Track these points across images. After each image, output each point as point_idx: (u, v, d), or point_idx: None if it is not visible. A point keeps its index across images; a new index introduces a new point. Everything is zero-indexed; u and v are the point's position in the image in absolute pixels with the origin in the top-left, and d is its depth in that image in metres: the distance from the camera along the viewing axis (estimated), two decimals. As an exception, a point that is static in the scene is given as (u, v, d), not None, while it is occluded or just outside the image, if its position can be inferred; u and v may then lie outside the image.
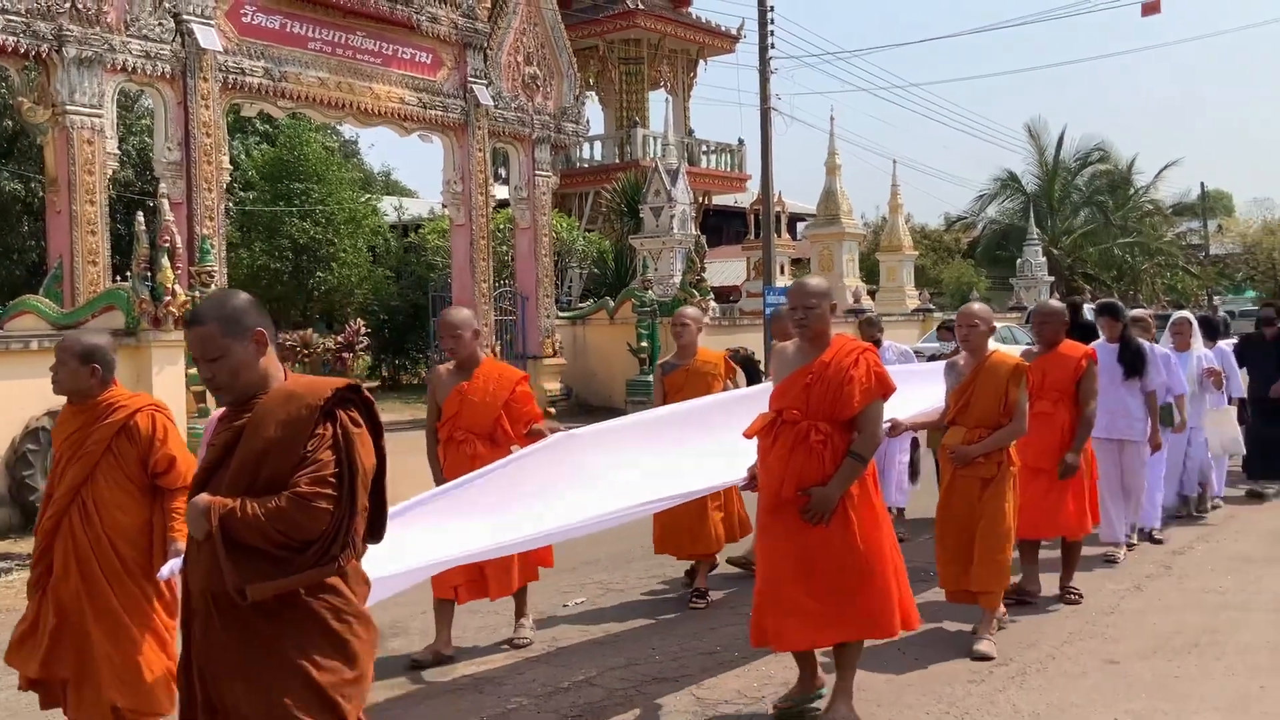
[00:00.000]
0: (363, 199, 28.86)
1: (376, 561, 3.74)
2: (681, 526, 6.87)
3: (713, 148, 34.14)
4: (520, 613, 6.23)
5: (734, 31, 33.16)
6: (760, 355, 11.92)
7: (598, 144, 32.56)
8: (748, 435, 4.93)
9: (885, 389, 4.78)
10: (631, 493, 5.28)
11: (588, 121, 21.45)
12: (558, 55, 19.20)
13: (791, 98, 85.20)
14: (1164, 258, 42.08)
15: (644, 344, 18.34)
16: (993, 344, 6.26)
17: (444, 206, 18.99)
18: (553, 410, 18.30)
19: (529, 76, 18.68)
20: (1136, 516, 7.99)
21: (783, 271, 26.43)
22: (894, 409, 5.92)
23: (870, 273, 32.55)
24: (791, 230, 34.35)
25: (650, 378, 11.80)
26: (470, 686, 5.49)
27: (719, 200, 35.90)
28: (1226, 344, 10.43)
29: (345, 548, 2.87)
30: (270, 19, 14.86)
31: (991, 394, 5.85)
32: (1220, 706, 4.97)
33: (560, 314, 20.53)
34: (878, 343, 9.00)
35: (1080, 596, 6.74)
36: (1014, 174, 41.50)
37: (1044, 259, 32.06)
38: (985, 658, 5.62)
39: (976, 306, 6.17)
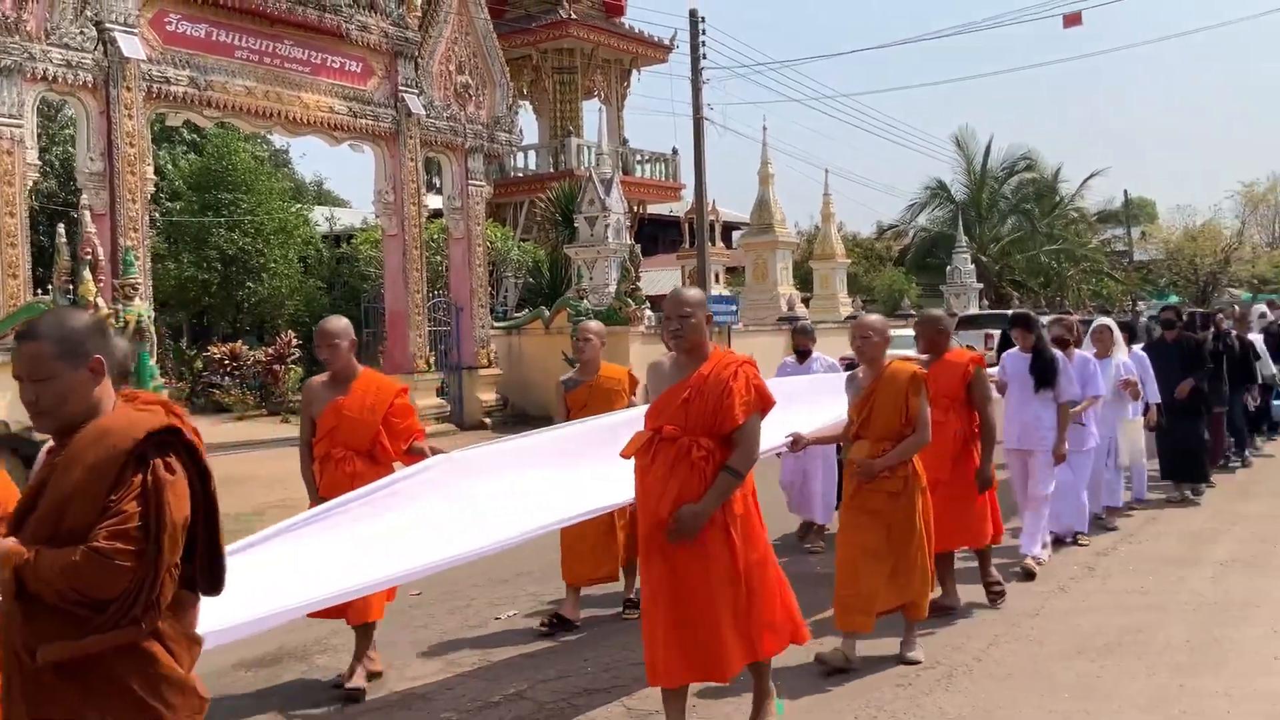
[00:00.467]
0: (293, 209, 28.54)
1: (246, 602, 3.58)
2: (583, 549, 6.63)
3: (647, 157, 34.29)
4: (360, 655, 5.65)
5: (667, 42, 33.33)
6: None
7: (532, 153, 32.54)
8: (624, 455, 4.68)
9: (765, 403, 4.60)
10: (517, 519, 5.00)
11: (521, 131, 21.44)
12: (490, 64, 19.14)
13: (724, 108, 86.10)
14: (1089, 264, 42.84)
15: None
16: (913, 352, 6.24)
17: (376, 216, 18.84)
18: (488, 422, 18.23)
19: (461, 85, 18.61)
20: (1037, 532, 7.76)
21: (718, 280, 26.54)
22: (801, 423, 5.88)
23: (804, 280, 32.81)
24: (726, 239, 34.56)
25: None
26: (399, 703, 5.44)
27: (654, 209, 36.00)
28: (1139, 348, 10.66)
29: (149, 609, 2.59)
30: (195, 27, 14.65)
31: (892, 404, 5.76)
32: (1142, 705, 5.06)
33: (495, 324, 20.44)
34: (809, 352, 9.08)
35: (1002, 587, 6.84)
36: (943, 183, 42.04)
37: (973, 266, 32.51)
38: (913, 662, 5.68)
39: (871, 318, 6.08)
